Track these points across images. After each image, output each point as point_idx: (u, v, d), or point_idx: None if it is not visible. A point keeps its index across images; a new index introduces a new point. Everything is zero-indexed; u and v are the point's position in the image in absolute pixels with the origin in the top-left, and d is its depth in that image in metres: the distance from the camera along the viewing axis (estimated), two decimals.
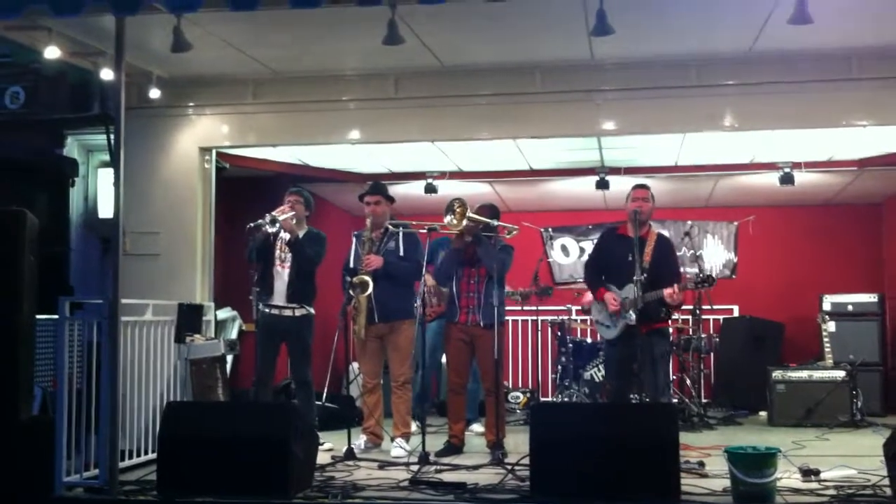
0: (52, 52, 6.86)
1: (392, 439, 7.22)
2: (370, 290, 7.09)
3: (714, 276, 7.15)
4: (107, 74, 7.20)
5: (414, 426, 7.42)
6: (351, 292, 7.13)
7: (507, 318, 7.73)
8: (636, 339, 6.78)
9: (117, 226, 5.69)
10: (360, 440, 7.29)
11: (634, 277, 6.71)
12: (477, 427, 8.26)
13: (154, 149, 8.19)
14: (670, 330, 7.97)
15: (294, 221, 7.19)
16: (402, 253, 7.30)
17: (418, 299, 7.21)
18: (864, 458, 6.20)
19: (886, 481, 5.24)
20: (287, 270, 7.22)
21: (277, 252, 7.25)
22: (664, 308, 6.94)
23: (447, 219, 6.95)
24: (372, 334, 7.28)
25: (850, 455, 6.63)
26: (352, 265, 7.38)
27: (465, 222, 6.93)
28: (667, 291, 6.75)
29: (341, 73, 8.02)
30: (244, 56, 7.53)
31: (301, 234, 7.26)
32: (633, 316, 6.73)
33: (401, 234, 7.32)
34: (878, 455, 5.49)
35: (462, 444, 7.22)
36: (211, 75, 8.06)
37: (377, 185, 7.65)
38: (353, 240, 7.51)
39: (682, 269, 7.26)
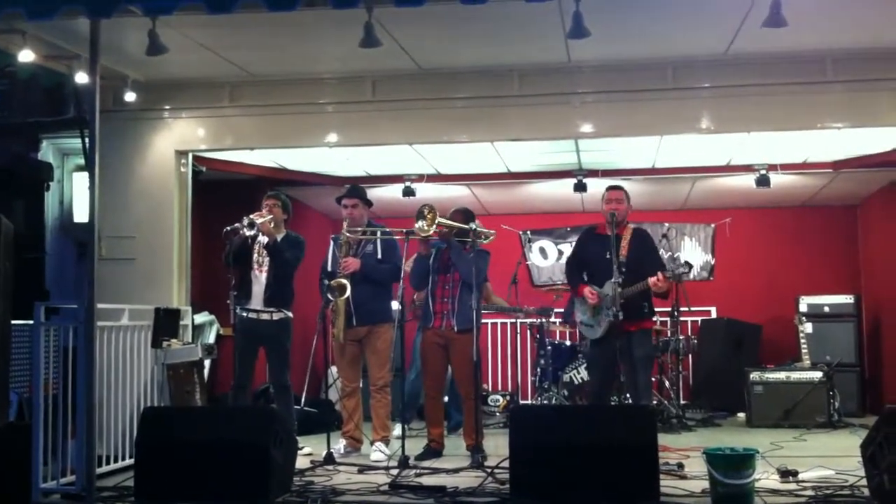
0: (26, 56, 6.81)
1: (371, 443, 7.20)
2: (348, 293, 7.08)
3: (688, 261, 7.17)
4: (82, 78, 7.15)
5: (397, 429, 7.40)
6: (329, 296, 7.12)
7: (485, 321, 7.73)
8: (619, 339, 6.84)
9: (92, 230, 5.64)
10: (339, 444, 7.27)
11: (612, 279, 6.78)
12: None
13: (130, 152, 8.13)
14: (652, 331, 7.99)
15: (272, 225, 7.16)
16: (379, 256, 7.29)
17: (396, 303, 7.18)
18: (842, 459, 6.25)
19: (864, 482, 5.27)
20: (264, 274, 7.20)
21: (255, 256, 7.23)
22: (646, 303, 7.01)
23: (418, 224, 6.94)
24: (350, 338, 7.27)
25: (827, 456, 6.68)
26: (329, 268, 7.37)
27: (434, 227, 6.93)
28: (651, 280, 6.87)
29: (318, 76, 8.00)
30: (220, 59, 7.50)
31: (279, 237, 7.23)
32: (615, 312, 6.77)
33: (378, 236, 7.31)
34: (855, 455, 5.53)
35: (441, 448, 7.21)
36: (187, 78, 8.02)
37: (355, 188, 7.66)
38: (331, 243, 7.50)
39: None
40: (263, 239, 7.16)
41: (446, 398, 7.94)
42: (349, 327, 7.22)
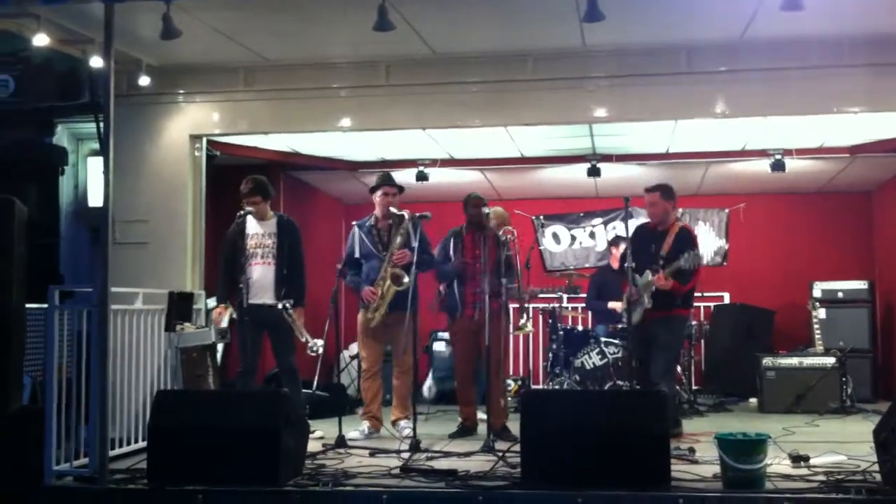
0: (40, 40, 6.81)
1: (394, 423, 7.36)
2: (406, 281, 7.13)
3: (699, 254, 7.25)
4: (96, 62, 7.15)
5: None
6: (395, 285, 7.17)
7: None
8: (648, 325, 7.16)
9: (106, 214, 5.66)
10: (363, 425, 7.39)
11: (653, 265, 7.12)
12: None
13: (144, 137, 8.15)
14: (686, 318, 7.96)
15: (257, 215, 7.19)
16: (413, 244, 7.26)
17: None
18: (854, 445, 6.22)
19: (876, 467, 5.26)
20: (269, 266, 7.15)
21: (248, 251, 7.14)
22: (679, 297, 7.19)
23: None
24: (382, 322, 7.35)
25: (839, 441, 6.65)
26: (356, 255, 7.40)
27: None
28: (653, 278, 7.07)
29: (332, 60, 7.99)
30: (234, 43, 7.50)
31: (272, 223, 7.22)
32: (646, 300, 7.12)
33: (410, 226, 7.27)
34: (867, 441, 5.51)
35: (475, 426, 7.33)
36: (201, 63, 8.02)
37: (390, 176, 7.72)
38: (356, 230, 7.52)
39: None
40: (258, 230, 7.15)
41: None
42: (386, 312, 7.31)
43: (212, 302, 8.42)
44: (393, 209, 7.40)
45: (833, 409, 8.71)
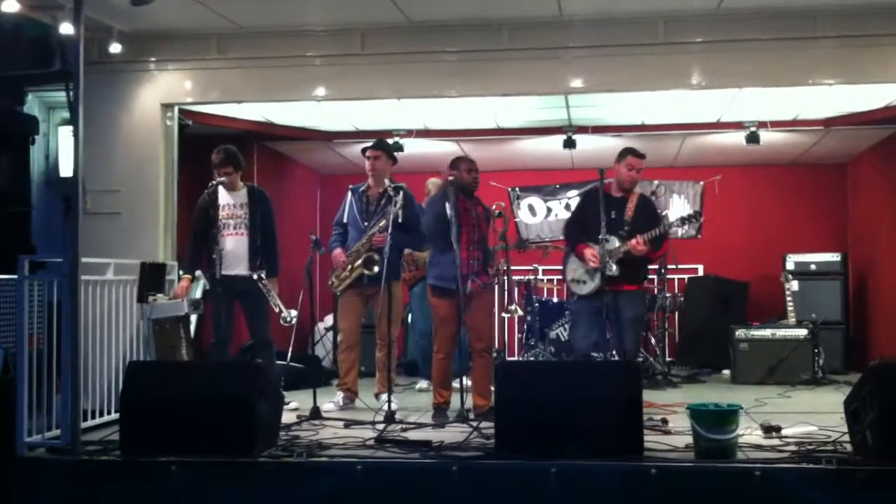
0: (9, 6, 6.69)
1: (377, 395, 7.22)
2: (376, 271, 7.01)
3: (697, 210, 7.33)
4: (66, 29, 7.03)
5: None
6: (365, 270, 7.10)
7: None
8: (606, 297, 6.88)
9: (76, 184, 5.59)
10: (337, 397, 7.33)
11: (619, 231, 7.04)
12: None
13: (115, 105, 8.02)
14: (645, 294, 7.92)
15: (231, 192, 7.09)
16: (400, 220, 6.97)
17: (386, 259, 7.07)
18: (825, 415, 6.29)
19: (847, 438, 5.31)
20: (242, 237, 7.04)
21: (221, 222, 7.02)
22: (642, 268, 7.19)
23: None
24: (357, 293, 7.29)
25: (811, 412, 6.71)
26: (345, 220, 7.35)
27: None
28: (631, 242, 7.00)
29: (307, 28, 7.90)
30: (207, 10, 7.39)
31: (243, 193, 7.13)
32: (613, 267, 6.97)
33: (401, 199, 7.00)
34: (838, 412, 5.57)
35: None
36: (173, 29, 7.91)
37: (381, 140, 7.70)
38: (349, 194, 7.46)
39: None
40: (230, 200, 7.06)
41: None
42: (360, 285, 7.24)
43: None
44: (387, 181, 7.28)
45: (805, 380, 8.78)
